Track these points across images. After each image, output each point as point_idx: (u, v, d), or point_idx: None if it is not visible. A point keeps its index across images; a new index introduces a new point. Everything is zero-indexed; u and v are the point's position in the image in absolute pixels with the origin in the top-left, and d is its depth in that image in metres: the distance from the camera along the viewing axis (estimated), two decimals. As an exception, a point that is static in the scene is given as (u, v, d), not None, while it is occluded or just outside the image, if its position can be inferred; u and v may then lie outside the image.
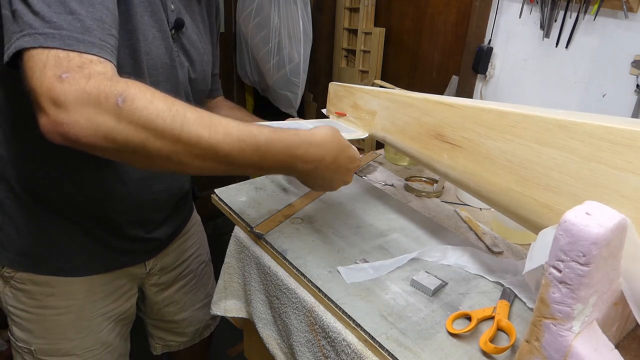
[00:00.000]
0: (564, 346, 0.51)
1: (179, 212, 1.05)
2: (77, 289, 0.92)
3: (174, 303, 1.15)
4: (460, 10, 1.58)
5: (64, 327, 0.93)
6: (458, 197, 1.11)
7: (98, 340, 0.98)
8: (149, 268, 1.03)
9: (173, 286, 1.13)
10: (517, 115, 0.64)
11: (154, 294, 1.11)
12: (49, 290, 0.90)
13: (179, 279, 1.14)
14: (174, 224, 1.05)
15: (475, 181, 0.71)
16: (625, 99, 1.17)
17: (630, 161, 0.51)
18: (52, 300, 0.91)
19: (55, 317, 0.92)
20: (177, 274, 1.13)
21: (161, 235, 1.01)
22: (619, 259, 0.52)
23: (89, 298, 0.94)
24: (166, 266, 1.09)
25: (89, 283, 0.93)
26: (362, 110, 0.95)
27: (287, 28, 1.97)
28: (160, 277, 1.09)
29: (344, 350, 0.73)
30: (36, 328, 0.93)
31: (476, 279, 0.83)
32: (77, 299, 0.93)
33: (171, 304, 1.15)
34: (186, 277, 1.15)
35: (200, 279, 1.20)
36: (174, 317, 1.18)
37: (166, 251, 1.06)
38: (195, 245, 1.17)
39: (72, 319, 0.93)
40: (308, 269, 0.83)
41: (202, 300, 1.22)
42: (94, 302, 0.95)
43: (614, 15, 1.14)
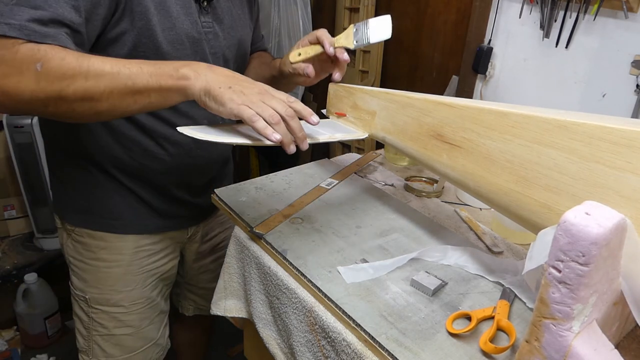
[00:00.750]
0: (563, 346, 0.51)
1: (221, 179, 1.15)
2: (126, 245, 1.03)
3: (209, 271, 1.25)
4: (460, 10, 1.58)
5: (114, 279, 1.04)
6: (458, 197, 1.11)
7: (143, 295, 1.08)
8: (190, 234, 1.15)
9: (211, 255, 1.23)
10: (517, 116, 0.64)
11: (193, 260, 1.21)
12: (102, 244, 1.02)
13: (217, 249, 1.23)
14: None
15: (475, 181, 0.71)
16: (625, 99, 1.17)
17: (630, 161, 0.51)
18: (105, 254, 1.02)
19: (106, 270, 1.03)
20: (216, 243, 1.23)
21: (203, 203, 1.10)
22: (618, 259, 0.52)
23: (136, 255, 1.05)
24: (206, 234, 1.19)
25: (137, 241, 1.04)
26: (362, 110, 0.95)
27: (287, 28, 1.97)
28: (200, 245, 1.19)
29: (344, 350, 0.73)
30: (90, 278, 1.04)
31: (476, 279, 0.83)
32: (126, 254, 1.04)
33: (206, 272, 1.25)
34: (224, 249, 1.22)
35: None
36: (207, 285, 1.25)
37: (208, 221, 1.18)
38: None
39: (120, 272, 1.04)
40: (308, 269, 0.83)
41: None
42: (140, 259, 1.06)
43: (614, 15, 1.14)
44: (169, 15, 0.85)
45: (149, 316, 1.11)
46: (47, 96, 0.68)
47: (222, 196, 1.04)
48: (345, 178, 1.15)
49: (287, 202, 1.02)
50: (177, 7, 0.86)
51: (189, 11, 0.88)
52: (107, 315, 1.07)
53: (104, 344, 1.09)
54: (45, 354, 1.89)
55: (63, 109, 0.71)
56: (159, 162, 0.98)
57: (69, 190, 1.01)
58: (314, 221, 0.96)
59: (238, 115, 0.69)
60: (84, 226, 1.02)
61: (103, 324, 1.07)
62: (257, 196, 1.05)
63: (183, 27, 0.87)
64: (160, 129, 0.95)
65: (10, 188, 1.95)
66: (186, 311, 1.32)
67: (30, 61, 0.67)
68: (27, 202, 1.94)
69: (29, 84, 0.67)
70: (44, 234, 1.96)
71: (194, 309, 1.32)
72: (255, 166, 2.57)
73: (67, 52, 0.69)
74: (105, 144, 0.94)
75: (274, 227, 0.93)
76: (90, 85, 0.69)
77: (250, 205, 1.01)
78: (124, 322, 1.08)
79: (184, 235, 1.13)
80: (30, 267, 1.88)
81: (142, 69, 0.70)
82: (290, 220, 0.96)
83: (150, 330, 1.13)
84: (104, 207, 1.00)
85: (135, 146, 0.95)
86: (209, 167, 1.08)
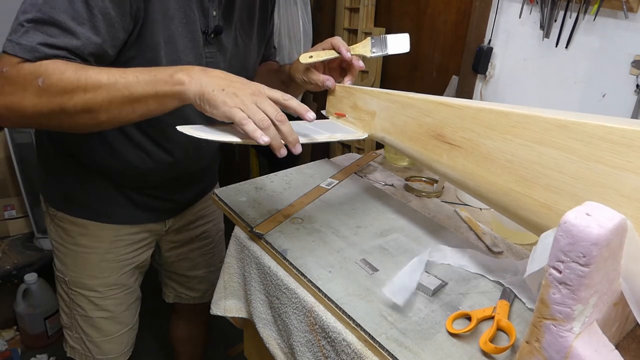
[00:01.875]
0: (564, 347, 0.51)
1: (203, 179, 1.18)
2: (105, 233, 1.06)
3: (187, 260, 1.28)
4: (460, 10, 1.58)
5: (90, 265, 1.08)
6: (458, 197, 1.11)
7: (118, 282, 1.12)
8: (168, 226, 1.17)
9: (188, 245, 1.26)
10: (517, 116, 0.64)
11: (168, 249, 1.25)
12: (82, 231, 1.05)
13: (196, 240, 1.26)
14: (197, 189, 1.18)
15: (475, 181, 0.71)
16: (625, 99, 1.17)
17: (630, 161, 0.51)
18: (84, 240, 1.06)
19: (84, 255, 1.07)
20: (195, 234, 1.25)
21: (183, 199, 1.15)
22: (619, 259, 0.52)
23: (114, 244, 1.08)
24: (183, 226, 1.21)
25: (115, 231, 1.07)
26: (362, 110, 0.95)
27: (287, 28, 1.97)
28: (176, 234, 1.22)
29: (344, 350, 0.73)
30: (69, 261, 1.09)
31: (476, 279, 0.83)
32: (104, 242, 1.07)
33: (184, 260, 1.28)
34: (204, 240, 1.28)
35: (217, 245, 1.33)
36: (186, 272, 1.30)
37: (185, 212, 1.19)
38: (215, 213, 1.28)
39: (97, 259, 1.08)
40: (308, 269, 0.83)
41: (216, 265, 1.31)
42: (117, 248, 1.09)
43: (614, 15, 1.14)
44: (176, 49, 0.87)
45: (125, 302, 1.15)
46: (49, 110, 0.71)
47: (222, 196, 1.04)
48: (345, 178, 1.15)
49: (287, 202, 1.02)
50: (184, 41, 0.88)
51: (195, 44, 0.90)
52: (85, 298, 1.11)
53: (83, 325, 1.14)
54: (45, 354, 1.89)
55: (66, 121, 0.73)
56: (145, 168, 1.00)
57: (57, 179, 1.04)
58: (314, 221, 0.96)
59: (230, 118, 0.69)
60: (66, 212, 1.05)
61: (81, 306, 1.12)
62: (257, 196, 1.05)
63: (187, 60, 0.89)
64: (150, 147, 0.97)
65: (10, 188, 1.95)
66: (167, 298, 1.37)
67: (33, 77, 0.69)
68: (27, 202, 1.94)
69: (31, 99, 0.69)
70: (44, 234, 1.96)
71: (174, 297, 1.35)
72: (255, 166, 2.57)
73: (67, 65, 0.71)
74: (93, 149, 0.96)
75: (274, 227, 0.93)
76: (89, 98, 0.70)
77: (250, 205, 1.01)
78: (99, 306, 1.12)
79: (162, 227, 1.16)
80: (30, 267, 1.88)
81: (138, 78, 0.71)
82: (290, 220, 0.96)
83: (127, 315, 1.17)
84: (87, 196, 1.03)
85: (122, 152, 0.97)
86: (193, 170, 1.10)
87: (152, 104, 0.72)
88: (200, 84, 0.71)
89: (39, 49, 0.70)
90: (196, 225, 1.24)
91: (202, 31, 0.91)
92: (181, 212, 1.18)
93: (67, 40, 0.72)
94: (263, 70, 1.19)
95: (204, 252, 1.29)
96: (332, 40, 0.99)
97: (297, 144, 0.74)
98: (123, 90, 0.71)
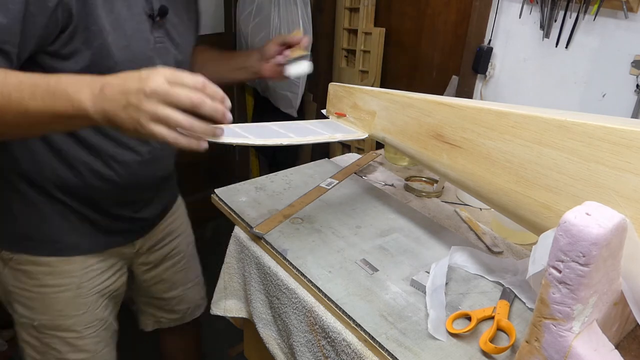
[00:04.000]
0: (564, 346, 0.51)
1: (164, 192, 1.10)
2: (74, 267, 0.97)
3: (162, 281, 1.19)
4: (460, 10, 1.58)
5: (63, 304, 0.98)
6: (458, 197, 1.11)
7: (96, 317, 1.03)
8: (137, 247, 1.08)
9: (162, 265, 1.17)
10: (517, 116, 0.64)
11: (142, 273, 1.15)
12: (47, 270, 0.95)
13: (168, 258, 1.18)
14: (161, 204, 1.10)
15: (475, 181, 0.71)
16: (625, 99, 1.17)
17: (630, 161, 0.51)
18: (51, 279, 0.96)
19: (54, 295, 0.97)
20: (166, 252, 1.17)
21: (148, 215, 1.06)
22: (618, 259, 0.52)
23: (85, 276, 0.99)
24: (154, 245, 1.13)
25: (85, 262, 0.98)
26: (362, 110, 0.95)
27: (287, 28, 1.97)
28: (148, 256, 1.13)
29: (344, 350, 0.73)
30: (38, 305, 0.97)
31: (476, 279, 0.83)
32: (75, 277, 0.97)
33: (160, 282, 1.19)
34: (175, 256, 1.20)
35: (189, 260, 1.24)
36: (163, 295, 1.22)
37: (154, 231, 1.11)
38: (182, 226, 1.21)
39: (70, 296, 0.98)
40: (308, 269, 0.83)
41: (193, 280, 1.25)
42: (90, 280, 1.00)
43: (614, 15, 1.14)
44: (124, 33, 0.81)
45: (104, 338, 1.06)
46: None
47: (222, 196, 1.04)
48: (345, 178, 1.15)
49: (287, 202, 1.02)
50: (132, 24, 0.82)
51: (143, 27, 0.84)
52: (60, 340, 1.00)
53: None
54: (45, 354, 1.89)
55: None
56: (106, 182, 0.92)
57: (6, 216, 0.93)
58: (314, 221, 0.96)
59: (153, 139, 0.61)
60: (25, 252, 0.94)
61: (56, 349, 1.01)
62: (257, 196, 1.05)
63: (138, 45, 0.84)
64: (109, 148, 0.89)
65: None
66: (145, 326, 1.27)
67: None
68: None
69: None
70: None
71: (154, 323, 1.26)
72: (255, 166, 2.57)
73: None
74: (46, 163, 0.87)
75: (274, 227, 0.93)
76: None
77: (250, 205, 1.01)
78: (78, 347, 1.02)
79: (132, 249, 1.08)
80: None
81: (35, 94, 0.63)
82: (290, 220, 0.96)
83: (107, 353, 1.07)
84: (46, 230, 0.93)
85: (82, 166, 0.89)
86: (153, 183, 1.03)
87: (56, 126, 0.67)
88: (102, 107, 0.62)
89: None
90: (166, 242, 1.16)
91: (147, 14, 0.85)
92: (148, 230, 1.09)
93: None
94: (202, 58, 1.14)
95: (178, 269, 1.21)
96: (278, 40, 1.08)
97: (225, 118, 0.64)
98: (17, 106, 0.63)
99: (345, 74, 2.02)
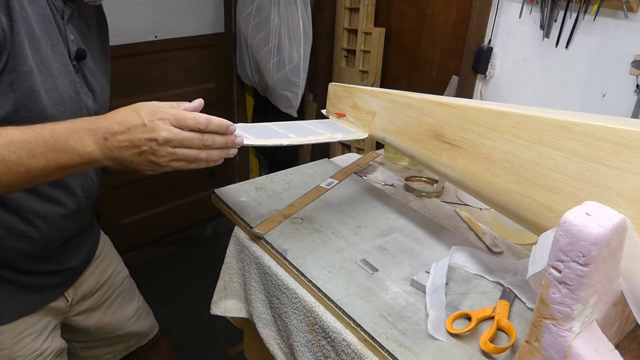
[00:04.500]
0: (564, 346, 0.51)
1: (87, 238, 1.02)
2: (4, 338, 0.87)
3: (106, 325, 1.11)
4: (460, 10, 1.58)
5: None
6: (458, 197, 1.11)
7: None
8: (70, 299, 1.00)
9: (100, 309, 1.09)
10: (517, 116, 0.64)
11: (82, 320, 1.06)
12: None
13: (104, 300, 1.10)
14: (86, 250, 1.02)
15: (475, 181, 0.71)
16: (625, 99, 1.17)
17: (630, 161, 0.51)
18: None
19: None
20: (101, 296, 1.09)
21: (75, 264, 0.97)
22: (618, 259, 0.52)
23: (19, 344, 0.89)
24: (87, 292, 1.05)
25: (14, 329, 0.88)
26: (362, 110, 0.95)
27: (287, 28, 1.97)
28: (82, 304, 1.04)
29: (344, 350, 0.73)
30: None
31: (476, 279, 0.83)
32: (6, 348, 0.88)
33: (103, 327, 1.11)
34: (111, 296, 1.12)
35: (126, 294, 1.16)
36: (110, 335, 1.14)
37: (83, 277, 1.02)
38: (112, 265, 1.12)
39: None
40: (308, 269, 0.83)
41: (134, 314, 1.17)
42: (24, 347, 0.90)
43: (614, 15, 1.14)
44: (51, 75, 0.76)
45: None
46: None
47: (222, 196, 1.04)
48: (345, 178, 1.15)
49: (287, 202, 1.02)
50: (57, 65, 0.77)
51: (68, 69, 0.79)
52: None
53: None
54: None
55: None
56: (27, 240, 0.83)
57: None
58: (314, 221, 0.96)
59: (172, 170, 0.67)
60: None
61: None
62: (257, 196, 1.05)
63: (64, 87, 0.78)
64: (29, 203, 0.81)
65: None
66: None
67: None
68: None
69: None
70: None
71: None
72: (255, 166, 2.57)
73: None
74: None
75: (274, 227, 0.93)
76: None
77: (250, 205, 1.01)
78: None
79: (64, 303, 0.98)
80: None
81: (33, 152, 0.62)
82: (290, 220, 0.96)
83: None
84: None
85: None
86: (76, 234, 0.95)
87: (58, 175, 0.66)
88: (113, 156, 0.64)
89: None
90: (99, 286, 1.07)
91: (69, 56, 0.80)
92: (77, 278, 1.00)
93: None
94: None
95: (116, 308, 1.12)
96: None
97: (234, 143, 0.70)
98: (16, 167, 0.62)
99: (345, 74, 2.02)
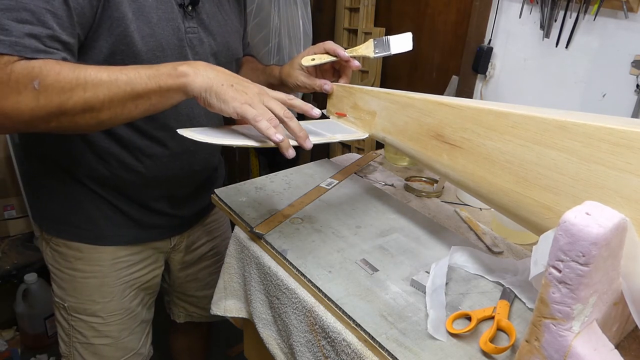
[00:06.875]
0: (563, 346, 0.51)
1: (204, 192, 1.10)
2: (102, 257, 1.00)
3: (197, 280, 1.22)
4: (460, 10, 1.58)
5: (90, 290, 1.02)
6: (458, 197, 1.11)
7: (121, 306, 1.06)
8: (174, 244, 1.11)
9: (198, 265, 1.20)
10: (516, 116, 0.64)
11: (178, 270, 1.18)
12: (78, 255, 1.00)
13: (205, 258, 1.20)
14: (200, 204, 1.11)
15: (475, 182, 0.71)
16: (625, 99, 1.17)
17: (630, 162, 0.51)
18: (81, 264, 1.00)
19: (82, 280, 1.02)
20: (203, 252, 1.19)
21: (186, 213, 1.08)
22: (618, 259, 0.52)
23: (113, 267, 1.02)
24: (191, 244, 1.15)
25: (114, 253, 1.01)
26: (362, 110, 0.95)
27: (287, 28, 1.97)
28: (185, 254, 1.16)
29: (344, 350, 0.73)
30: (68, 287, 1.03)
31: (476, 279, 0.83)
32: (102, 266, 1.01)
33: (194, 281, 1.22)
34: (212, 257, 1.22)
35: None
36: (196, 293, 1.25)
37: (192, 230, 1.13)
38: (222, 229, 1.23)
39: (97, 283, 1.02)
40: (308, 269, 0.83)
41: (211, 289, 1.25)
42: (117, 271, 1.03)
43: (614, 15, 1.14)
44: (149, 21, 0.82)
45: (129, 327, 1.09)
46: (48, 113, 0.68)
47: (222, 196, 1.04)
48: (345, 178, 1.15)
49: (287, 202, 1.02)
50: (158, 13, 0.83)
51: (171, 16, 0.85)
52: (85, 324, 1.05)
53: (84, 352, 1.08)
54: (45, 354, 1.89)
55: (65, 123, 0.70)
56: (135, 174, 0.95)
57: (45, 200, 0.99)
58: (314, 221, 0.96)
59: (241, 114, 0.69)
60: (59, 236, 1.00)
61: (82, 332, 1.06)
62: (257, 196, 1.05)
63: (163, 34, 0.84)
64: (136, 140, 0.92)
65: (10, 188, 1.95)
66: (177, 318, 1.31)
67: (27, 80, 0.66)
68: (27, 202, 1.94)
69: (28, 103, 0.66)
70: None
71: (185, 316, 1.30)
72: (255, 166, 2.57)
73: (62, 65, 0.68)
74: (81, 155, 0.92)
75: (274, 227, 0.93)
76: (90, 96, 0.68)
77: (250, 205, 1.01)
78: (101, 332, 1.06)
79: (167, 245, 1.10)
80: (30, 267, 1.88)
81: (140, 73, 0.70)
82: (290, 220, 0.96)
83: (131, 340, 1.11)
84: (79, 217, 0.97)
85: (111, 158, 0.92)
86: (190, 178, 1.04)
87: (155, 98, 0.71)
88: (207, 77, 0.70)
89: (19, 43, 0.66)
90: (203, 242, 1.18)
91: (177, 4, 0.86)
92: (186, 229, 1.12)
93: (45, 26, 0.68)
94: (246, 67, 1.15)
95: (213, 270, 1.23)
96: (326, 45, 0.99)
97: (307, 139, 0.74)
98: (125, 86, 0.69)
99: (345, 74, 2.02)
